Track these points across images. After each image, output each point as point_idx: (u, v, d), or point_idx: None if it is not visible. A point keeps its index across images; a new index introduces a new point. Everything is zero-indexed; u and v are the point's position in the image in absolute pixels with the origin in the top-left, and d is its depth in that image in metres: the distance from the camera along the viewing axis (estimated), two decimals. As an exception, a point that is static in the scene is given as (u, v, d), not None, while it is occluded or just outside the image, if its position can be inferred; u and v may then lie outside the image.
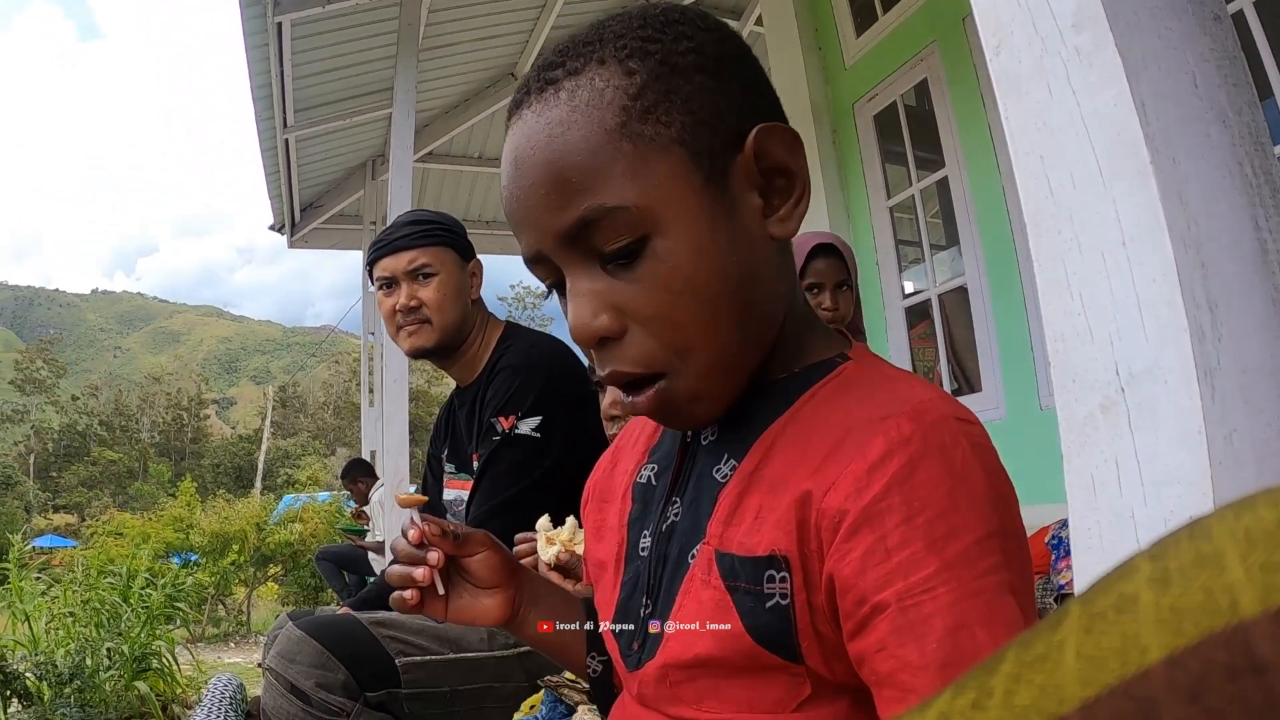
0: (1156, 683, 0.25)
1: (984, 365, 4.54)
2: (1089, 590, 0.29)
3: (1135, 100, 0.76)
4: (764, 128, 0.75)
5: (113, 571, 7.29)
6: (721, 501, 0.77)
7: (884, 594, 0.64)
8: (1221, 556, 0.26)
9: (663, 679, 0.79)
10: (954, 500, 0.65)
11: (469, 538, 1.00)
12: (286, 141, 6.82)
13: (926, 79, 4.83)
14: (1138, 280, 0.75)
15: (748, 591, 0.72)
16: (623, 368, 0.75)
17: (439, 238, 2.27)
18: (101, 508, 48.52)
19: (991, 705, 0.29)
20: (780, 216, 0.77)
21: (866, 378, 0.78)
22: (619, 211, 0.71)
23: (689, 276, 0.72)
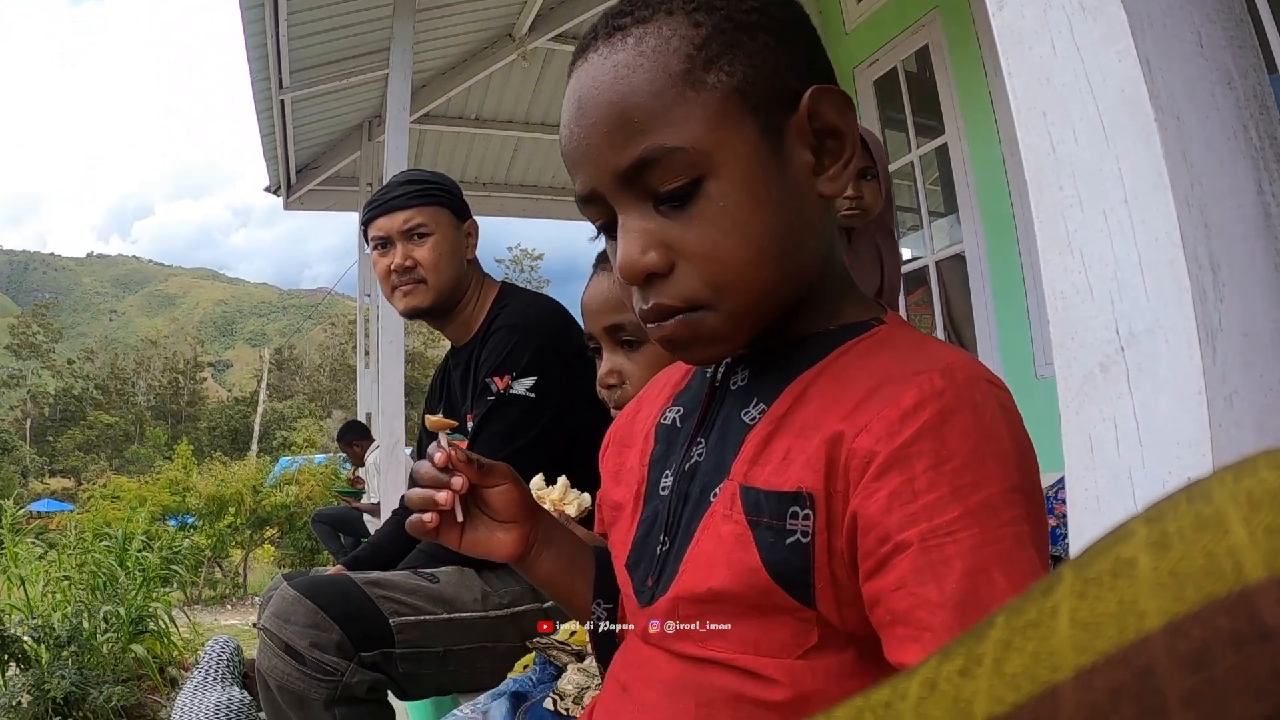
0: (1156, 651, 0.24)
1: (980, 333, 4.54)
2: (1082, 554, 0.28)
3: (1140, 57, 0.75)
4: (819, 89, 0.78)
5: (109, 535, 7.31)
6: (749, 443, 0.79)
7: (907, 533, 0.66)
8: (1223, 519, 0.25)
9: (672, 612, 0.81)
10: (980, 454, 0.67)
11: (492, 468, 1.02)
12: (282, 102, 6.76)
13: (928, 45, 4.80)
14: (1139, 239, 0.74)
15: (769, 527, 0.74)
16: (666, 301, 0.78)
17: (434, 197, 2.25)
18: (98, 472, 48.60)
19: (981, 673, 0.28)
20: (829, 175, 0.80)
21: (901, 339, 0.81)
22: (677, 152, 0.74)
23: (739, 218, 0.75)
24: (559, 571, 1.09)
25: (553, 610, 2.10)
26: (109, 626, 5.34)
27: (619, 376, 1.45)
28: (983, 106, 4.40)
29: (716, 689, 0.77)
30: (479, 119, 8.19)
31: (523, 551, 1.05)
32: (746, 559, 0.74)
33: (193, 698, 3.69)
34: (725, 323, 0.78)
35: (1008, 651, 0.27)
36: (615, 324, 1.43)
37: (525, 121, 8.26)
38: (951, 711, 0.28)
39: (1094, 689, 0.25)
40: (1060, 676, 0.25)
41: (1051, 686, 0.25)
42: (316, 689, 1.88)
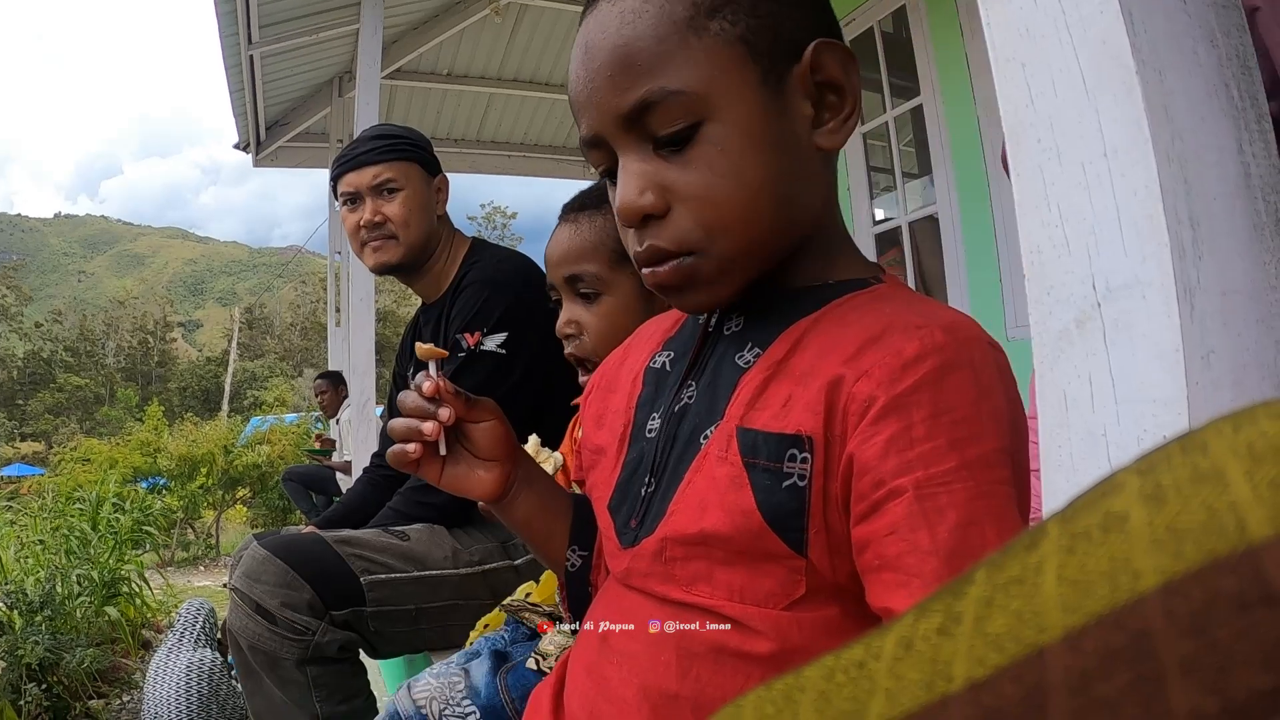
0: (1153, 613, 0.22)
1: (952, 294, 4.55)
2: (1068, 507, 0.26)
3: (1123, 9, 0.74)
4: (822, 42, 0.79)
5: (81, 498, 7.27)
6: (744, 386, 0.80)
7: (903, 479, 0.67)
8: (1223, 472, 0.23)
9: (659, 554, 0.80)
10: (978, 410, 0.69)
11: (477, 403, 1.01)
12: (252, 58, 6.66)
13: (905, 6, 4.77)
14: (1119, 193, 0.73)
15: (766, 469, 0.74)
16: (660, 243, 0.79)
17: (404, 152, 2.23)
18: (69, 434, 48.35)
19: (960, 632, 0.26)
20: (829, 129, 0.81)
21: (901, 295, 0.82)
22: (678, 95, 0.75)
23: (736, 162, 0.76)
24: (536, 514, 1.08)
25: (524, 569, 2.10)
26: (82, 590, 5.31)
27: (576, 327, 1.46)
28: (959, 68, 4.38)
29: (698, 640, 0.77)
30: (451, 75, 8.11)
31: (502, 491, 1.03)
32: (740, 501, 0.75)
33: (165, 661, 3.68)
34: (717, 268, 0.79)
35: (990, 610, 0.26)
36: (574, 274, 1.44)
37: (498, 78, 8.18)
38: (929, 673, 0.26)
39: (1084, 652, 0.23)
40: (1047, 638, 0.24)
41: (1038, 648, 0.24)
42: (288, 648, 1.88)
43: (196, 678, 3.61)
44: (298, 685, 1.90)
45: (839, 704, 0.28)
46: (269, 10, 6.06)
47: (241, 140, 8.49)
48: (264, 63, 6.92)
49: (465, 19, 6.94)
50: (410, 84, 8.01)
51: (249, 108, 7.69)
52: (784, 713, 0.29)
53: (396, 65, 7.21)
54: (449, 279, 2.28)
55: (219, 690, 3.65)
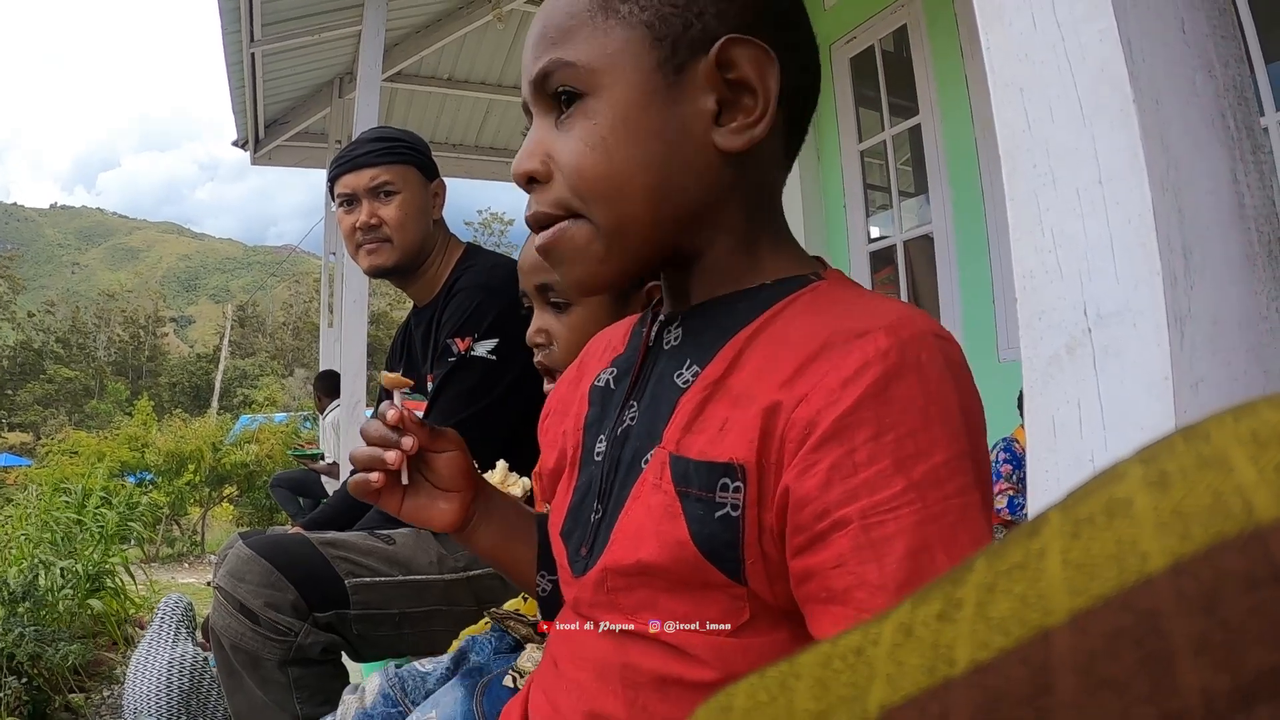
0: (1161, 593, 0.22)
1: (945, 315, 4.56)
2: (1069, 497, 0.26)
3: (1122, 37, 0.74)
4: (733, 39, 0.77)
5: (67, 491, 7.23)
6: (682, 407, 0.78)
7: (847, 509, 0.64)
8: (1227, 458, 0.23)
9: (601, 584, 0.79)
10: (926, 419, 0.66)
11: (441, 434, 1.01)
12: (253, 56, 6.66)
13: (906, 25, 4.79)
14: (1112, 220, 0.73)
15: (698, 499, 0.72)
16: (541, 207, 0.81)
17: (402, 155, 2.22)
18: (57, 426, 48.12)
19: (962, 617, 0.26)
20: (729, 129, 0.79)
21: (841, 295, 0.79)
22: (569, 67, 0.78)
23: (605, 137, 0.77)
24: (500, 543, 1.07)
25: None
26: (65, 583, 5.28)
27: (546, 336, 1.46)
28: (958, 88, 4.40)
29: (643, 670, 0.76)
30: (451, 79, 8.11)
31: (463, 521, 1.03)
32: (674, 531, 0.73)
33: (146, 656, 3.66)
34: (593, 238, 0.79)
35: (992, 595, 0.26)
36: (544, 283, 1.44)
37: (498, 84, 8.19)
38: (931, 657, 0.26)
39: (1091, 633, 0.23)
40: (1053, 620, 0.24)
41: (1043, 630, 0.24)
42: (270, 649, 1.87)
43: (178, 674, 3.59)
44: (279, 686, 1.89)
45: (837, 690, 0.28)
46: (272, 9, 6.06)
47: (240, 138, 8.48)
48: (265, 61, 6.92)
49: (468, 24, 6.95)
50: (411, 87, 8.01)
51: (249, 105, 7.68)
52: (779, 699, 0.29)
53: (398, 68, 7.22)
54: (442, 283, 2.27)
55: (200, 687, 3.63)
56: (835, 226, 5.16)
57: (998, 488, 3.77)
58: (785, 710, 0.29)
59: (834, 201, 5.17)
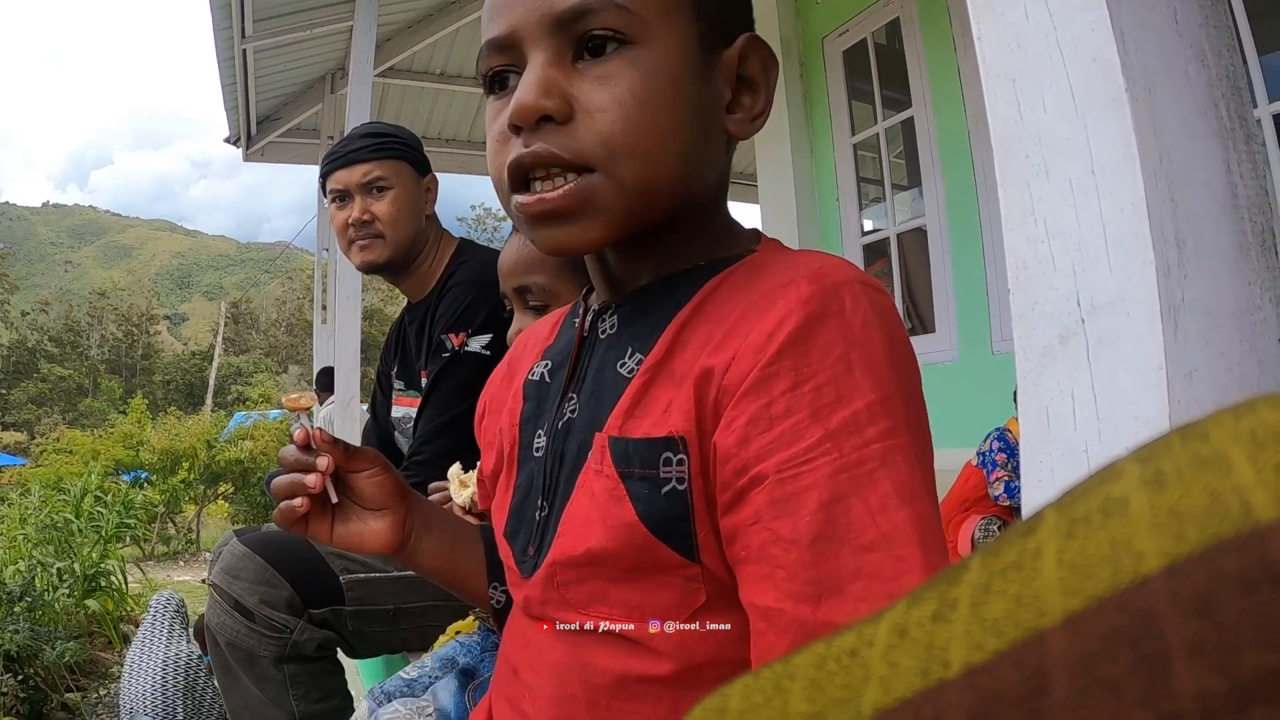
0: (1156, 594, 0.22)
1: (939, 307, 4.57)
2: (1065, 495, 0.26)
3: (1114, 27, 0.74)
4: (754, 38, 0.81)
5: (63, 489, 7.23)
6: (627, 394, 0.76)
7: (764, 465, 0.63)
8: (1225, 458, 0.23)
9: (550, 580, 0.77)
10: (847, 364, 0.64)
11: (358, 453, 0.97)
12: (244, 52, 6.64)
13: (899, 18, 4.79)
14: (1105, 210, 0.73)
15: (643, 478, 0.71)
16: (554, 149, 0.74)
17: (395, 151, 2.22)
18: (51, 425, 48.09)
19: (956, 618, 0.25)
20: (738, 118, 0.81)
21: (772, 258, 0.78)
22: (623, 9, 0.73)
23: (654, 93, 0.74)
24: (443, 558, 1.04)
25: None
26: (61, 582, 5.28)
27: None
28: (950, 81, 4.40)
29: (602, 670, 0.74)
30: (444, 74, 8.10)
31: (399, 540, 0.99)
32: (621, 514, 0.71)
33: (141, 655, 3.66)
34: (613, 194, 0.74)
35: (987, 595, 0.25)
36: (522, 285, 1.43)
37: (491, 79, 8.16)
38: (925, 659, 0.26)
39: (1086, 634, 0.23)
40: (1048, 621, 0.23)
41: (1038, 632, 0.24)
42: (266, 646, 1.87)
43: (173, 672, 3.59)
44: (275, 683, 1.89)
45: (832, 692, 0.28)
46: (263, 4, 6.04)
47: (232, 134, 8.46)
48: (257, 57, 6.91)
49: (460, 19, 6.93)
50: (403, 83, 8.00)
51: (240, 102, 7.67)
52: (773, 701, 0.29)
53: (390, 63, 7.20)
54: (435, 279, 2.27)
55: (195, 685, 3.64)
56: (829, 220, 5.16)
57: (994, 475, 3.83)
58: (780, 712, 0.29)
59: (827, 195, 5.17)
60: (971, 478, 3.98)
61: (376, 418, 2.52)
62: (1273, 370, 0.75)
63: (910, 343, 0.70)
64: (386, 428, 2.43)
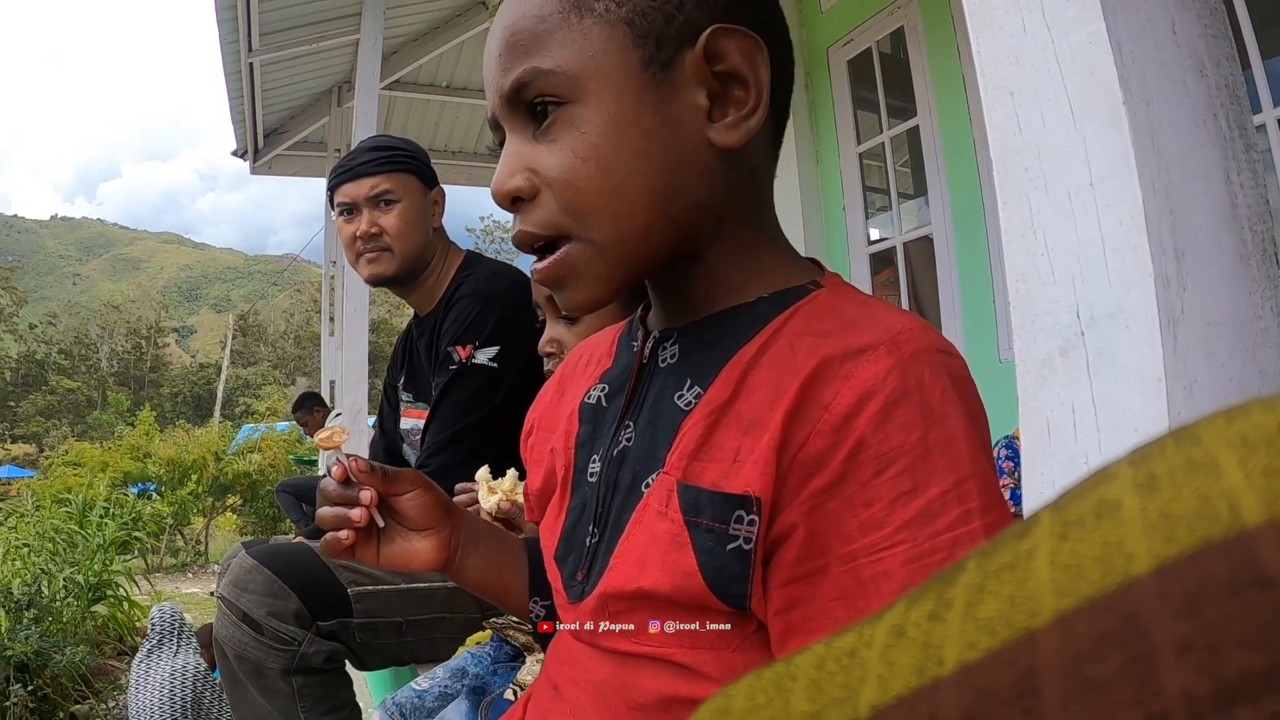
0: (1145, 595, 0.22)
1: (945, 316, 4.55)
2: (1061, 497, 0.26)
3: (1112, 39, 0.75)
4: (721, 29, 0.73)
5: (69, 501, 7.24)
6: (687, 432, 0.74)
7: (849, 547, 0.64)
8: (1216, 461, 0.23)
9: (601, 609, 0.77)
10: (926, 448, 0.65)
11: (398, 476, 0.97)
12: (251, 65, 6.66)
13: (903, 27, 4.79)
14: (1104, 222, 0.74)
15: (709, 530, 0.70)
16: (528, 228, 0.76)
17: (402, 164, 2.22)
18: (60, 437, 48.18)
19: (951, 617, 0.26)
20: (725, 124, 0.75)
21: (840, 306, 0.75)
22: (548, 75, 0.73)
23: (597, 145, 0.72)
24: (488, 573, 1.04)
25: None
26: (68, 593, 5.29)
27: (557, 346, 1.46)
28: (956, 90, 4.40)
29: (647, 691, 0.74)
30: (450, 87, 8.11)
31: (446, 558, 0.99)
32: (681, 561, 0.71)
33: (146, 668, 3.66)
34: (593, 257, 0.75)
35: (981, 595, 0.26)
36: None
37: (497, 91, 8.17)
38: (921, 658, 0.26)
39: (1077, 635, 0.23)
40: (1039, 622, 0.24)
41: (1030, 632, 0.24)
42: (274, 658, 1.87)
43: (180, 684, 3.59)
44: (283, 695, 1.89)
45: (831, 691, 0.28)
46: (270, 18, 6.06)
47: (240, 147, 8.48)
48: (264, 70, 6.92)
49: (466, 31, 6.95)
50: (409, 95, 8.01)
51: (248, 115, 7.69)
52: (775, 701, 0.29)
53: (396, 76, 7.21)
54: (442, 291, 2.27)
55: (202, 697, 3.64)
56: (835, 229, 5.16)
57: (1001, 483, 3.78)
58: (781, 711, 0.29)
59: (833, 204, 5.17)
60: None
61: (384, 430, 2.52)
62: (1274, 380, 0.75)
63: (981, 405, 0.70)
64: (394, 440, 2.44)
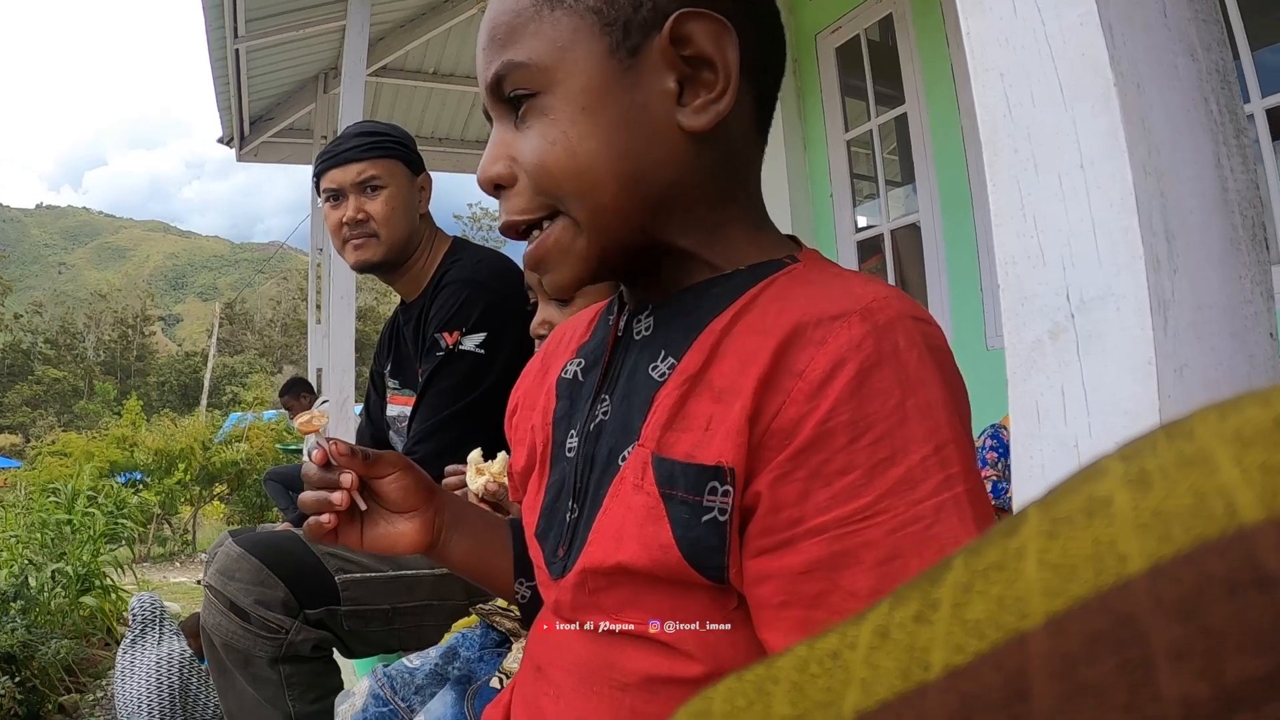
0: (1139, 596, 0.22)
1: (933, 303, 4.56)
2: (1049, 494, 0.26)
3: (1102, 21, 0.74)
4: (686, 13, 0.75)
5: (56, 491, 7.22)
6: (660, 403, 0.75)
7: (824, 518, 0.64)
8: (1210, 457, 0.22)
9: (581, 585, 0.77)
10: (902, 414, 0.65)
11: (379, 459, 0.98)
12: (237, 52, 6.62)
13: (891, 14, 4.78)
14: (1094, 204, 0.73)
15: (684, 501, 0.70)
16: (509, 215, 0.80)
17: (388, 150, 2.21)
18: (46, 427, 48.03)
19: (938, 619, 0.25)
20: (693, 107, 0.76)
21: (816, 277, 0.76)
22: (521, 67, 0.76)
23: (565, 130, 0.75)
24: (473, 554, 1.05)
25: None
26: (56, 584, 5.27)
27: (548, 327, 1.47)
28: (944, 77, 4.40)
29: (629, 671, 0.74)
30: (437, 73, 8.08)
31: (429, 540, 1.01)
32: (658, 534, 0.71)
33: (132, 656, 3.65)
34: (575, 234, 0.77)
35: (968, 596, 0.25)
36: None
37: (485, 78, 8.14)
38: (906, 661, 0.25)
39: (1068, 637, 0.22)
40: (1029, 623, 0.23)
41: (1020, 634, 0.23)
42: (262, 646, 1.86)
43: (166, 672, 3.58)
44: (271, 683, 1.89)
45: (813, 695, 0.27)
46: (256, 4, 6.03)
47: (225, 135, 8.44)
48: (249, 57, 6.88)
49: (453, 17, 6.91)
50: (396, 81, 7.98)
51: (233, 102, 7.64)
52: (755, 705, 0.29)
53: (383, 62, 7.18)
54: (429, 278, 2.27)
55: (189, 684, 3.63)
56: (822, 216, 5.16)
57: (983, 474, 3.76)
58: (763, 715, 0.29)
59: (820, 191, 5.17)
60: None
61: (370, 417, 2.52)
62: (1263, 364, 0.75)
63: (958, 373, 0.71)
64: (381, 427, 2.43)
